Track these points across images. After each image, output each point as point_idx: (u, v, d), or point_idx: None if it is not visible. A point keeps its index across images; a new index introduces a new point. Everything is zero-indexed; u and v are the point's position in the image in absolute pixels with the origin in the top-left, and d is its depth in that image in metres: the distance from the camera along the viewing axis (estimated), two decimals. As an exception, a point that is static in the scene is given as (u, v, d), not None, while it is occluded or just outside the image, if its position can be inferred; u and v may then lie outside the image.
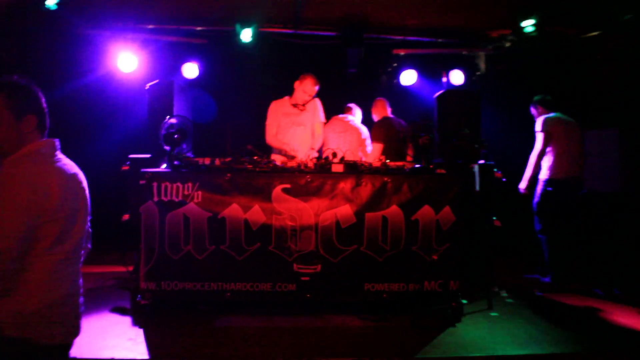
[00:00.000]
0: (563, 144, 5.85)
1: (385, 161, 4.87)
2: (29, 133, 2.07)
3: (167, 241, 4.38)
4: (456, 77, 7.71)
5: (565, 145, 5.86)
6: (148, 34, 7.35)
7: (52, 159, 2.09)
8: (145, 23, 7.24)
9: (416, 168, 4.77)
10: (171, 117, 4.77)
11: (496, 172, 5.45)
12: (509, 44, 7.58)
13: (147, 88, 5.81)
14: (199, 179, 4.42)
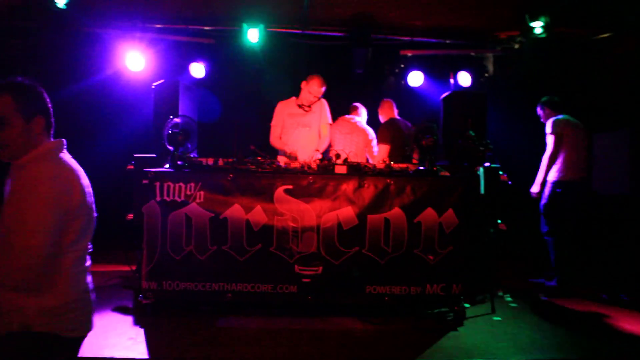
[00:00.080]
0: (572, 146, 5.80)
1: (389, 163, 4.84)
2: (38, 134, 2.10)
3: (169, 241, 4.38)
4: (464, 79, 7.65)
5: (574, 147, 5.81)
6: (156, 33, 7.38)
7: (66, 158, 2.14)
8: (153, 22, 7.28)
9: (420, 170, 4.74)
10: (175, 117, 4.78)
11: (502, 174, 5.40)
12: (517, 46, 7.51)
13: (153, 87, 5.83)
14: (202, 179, 4.42)
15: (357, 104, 6.78)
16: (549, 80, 7.38)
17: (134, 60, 7.10)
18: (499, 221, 5.28)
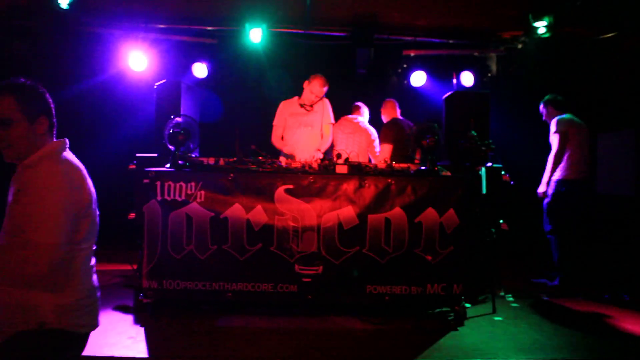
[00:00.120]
0: (576, 145, 5.78)
1: (390, 163, 4.84)
2: (41, 135, 2.13)
3: (170, 240, 4.38)
4: (466, 79, 7.64)
5: (578, 146, 5.79)
6: (158, 34, 7.41)
7: (71, 157, 2.18)
8: (156, 22, 7.31)
9: (421, 170, 4.72)
10: (176, 117, 4.78)
11: (504, 174, 5.38)
12: (521, 46, 7.51)
13: (155, 87, 5.84)
14: (202, 179, 4.42)
15: (359, 104, 6.78)
16: (552, 80, 7.35)
17: (137, 60, 7.13)
18: (501, 221, 5.26)
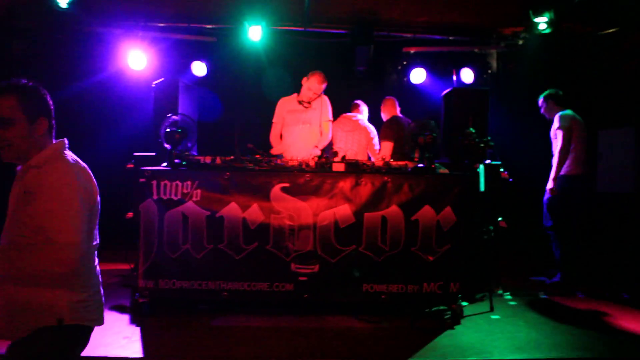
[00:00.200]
0: (579, 141, 5.74)
1: (387, 160, 4.81)
2: (41, 135, 2.14)
3: (166, 239, 4.38)
4: (467, 76, 7.59)
5: (581, 142, 5.75)
6: (158, 32, 7.41)
7: (74, 157, 2.20)
8: (155, 21, 7.31)
9: (418, 168, 4.70)
10: (172, 116, 4.77)
11: (503, 172, 5.35)
12: (521, 42, 7.46)
13: (153, 86, 5.84)
14: (198, 178, 4.42)
15: (358, 102, 6.75)
16: (553, 77, 7.27)
17: (136, 59, 7.12)
18: (500, 219, 5.23)
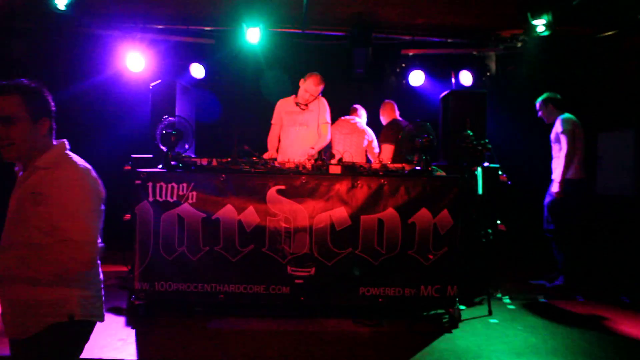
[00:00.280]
0: (580, 145, 5.71)
1: (384, 163, 4.79)
2: (43, 136, 2.15)
3: (162, 242, 4.36)
4: (465, 78, 7.55)
5: (582, 147, 5.73)
6: (156, 34, 7.39)
7: (78, 158, 2.23)
8: (154, 23, 7.28)
9: (415, 170, 4.67)
10: (168, 118, 4.75)
11: (501, 175, 5.33)
12: (520, 44, 7.43)
13: (150, 88, 5.83)
14: (194, 180, 4.40)
15: (356, 106, 6.75)
16: (552, 79, 7.26)
17: (134, 61, 7.10)
18: (499, 222, 5.20)
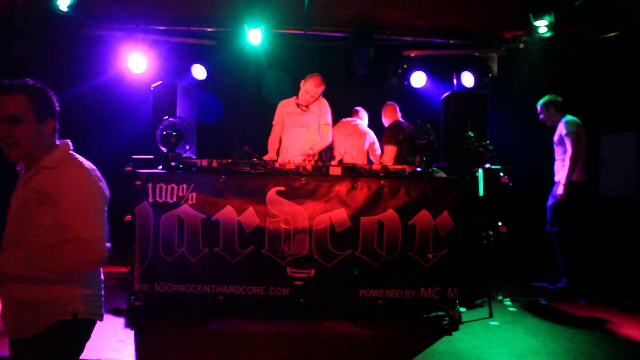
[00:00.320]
0: (583, 147, 5.67)
1: (385, 164, 4.78)
2: (48, 135, 2.16)
3: (161, 242, 4.36)
4: (467, 79, 7.54)
5: (585, 149, 5.70)
6: (158, 35, 7.40)
7: (82, 158, 2.24)
8: (156, 24, 7.30)
9: (415, 172, 4.65)
10: (168, 118, 4.75)
11: (502, 176, 5.30)
12: (522, 45, 7.41)
13: (151, 89, 5.83)
14: (194, 181, 4.39)
15: (358, 108, 6.75)
16: (554, 80, 7.22)
17: (136, 62, 7.12)
18: (500, 223, 5.18)
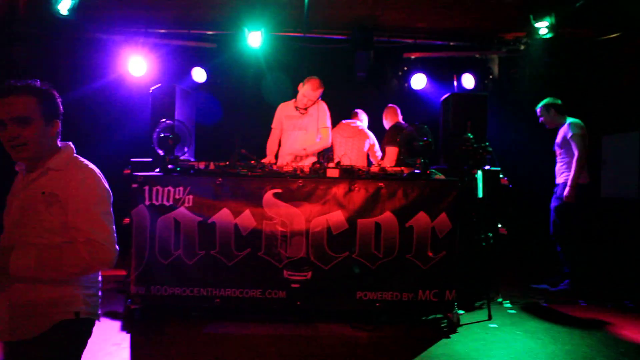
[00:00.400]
0: (586, 149, 5.63)
1: (383, 166, 4.76)
2: (53, 137, 2.17)
3: (158, 245, 4.34)
4: (467, 81, 7.50)
5: (587, 151, 5.64)
6: (158, 39, 7.40)
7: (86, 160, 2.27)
8: (156, 27, 7.31)
9: (414, 173, 4.62)
10: (165, 121, 4.74)
11: (502, 178, 5.27)
12: (523, 47, 7.38)
13: (150, 92, 5.83)
14: (191, 183, 4.38)
15: (358, 111, 6.74)
16: (555, 82, 7.19)
17: (136, 65, 7.13)
18: (500, 225, 5.14)
